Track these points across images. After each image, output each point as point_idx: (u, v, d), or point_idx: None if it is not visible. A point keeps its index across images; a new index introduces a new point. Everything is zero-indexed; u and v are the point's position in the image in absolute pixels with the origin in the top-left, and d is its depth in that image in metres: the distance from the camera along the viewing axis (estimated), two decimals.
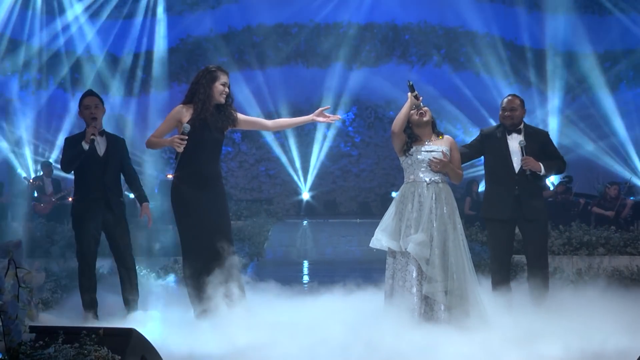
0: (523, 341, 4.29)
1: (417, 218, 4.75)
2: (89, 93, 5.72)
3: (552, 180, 12.97)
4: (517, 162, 5.52)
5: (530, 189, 5.52)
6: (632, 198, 12.40)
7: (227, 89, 5.04)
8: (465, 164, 5.50)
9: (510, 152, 5.55)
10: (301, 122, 5.42)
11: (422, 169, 4.85)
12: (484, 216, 5.78)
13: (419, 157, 4.86)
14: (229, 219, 5.11)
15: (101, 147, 5.58)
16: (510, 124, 5.59)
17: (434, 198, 4.78)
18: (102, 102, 5.68)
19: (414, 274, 4.68)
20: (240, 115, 5.18)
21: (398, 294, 4.69)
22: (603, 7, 16.00)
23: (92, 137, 5.43)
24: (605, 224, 9.20)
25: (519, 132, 5.61)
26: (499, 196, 5.56)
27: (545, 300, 5.25)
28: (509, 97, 5.69)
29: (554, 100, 15.84)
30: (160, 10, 16.07)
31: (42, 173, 12.92)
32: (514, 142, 5.58)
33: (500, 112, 5.67)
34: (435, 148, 4.88)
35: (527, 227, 5.54)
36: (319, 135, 17.14)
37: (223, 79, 5.02)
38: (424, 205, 4.77)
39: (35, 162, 15.84)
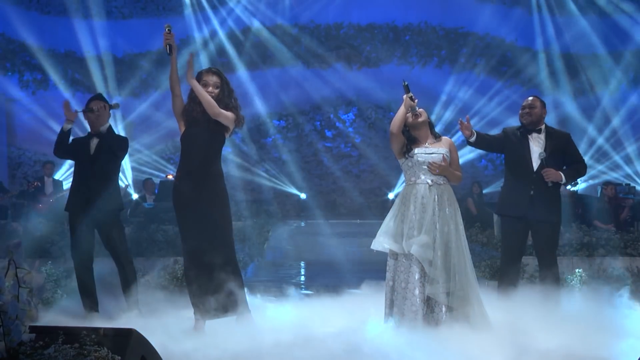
0: (524, 342, 4.28)
1: (419, 220, 4.72)
2: (98, 97, 5.85)
3: None
4: (535, 162, 5.54)
5: (546, 190, 5.53)
6: (631, 196, 12.38)
7: (210, 88, 5.04)
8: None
9: (529, 152, 5.58)
10: None
11: (424, 171, 4.82)
12: (499, 213, 5.82)
13: (419, 159, 4.83)
14: (229, 220, 5.08)
15: (93, 145, 5.67)
16: (528, 122, 5.61)
17: (436, 200, 4.75)
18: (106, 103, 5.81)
19: (417, 276, 4.65)
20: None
21: (400, 296, 4.67)
22: (603, 9, 16.01)
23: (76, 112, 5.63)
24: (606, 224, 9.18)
25: (539, 132, 5.63)
26: (515, 194, 5.59)
27: (556, 300, 5.26)
28: (530, 97, 5.77)
29: (554, 100, 15.85)
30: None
31: (42, 173, 12.92)
32: (534, 142, 5.59)
33: (520, 111, 5.71)
34: (435, 150, 4.85)
35: (539, 227, 5.55)
36: (319, 136, 17.14)
37: (204, 78, 5.06)
38: (426, 207, 4.74)
39: (36, 162, 15.87)
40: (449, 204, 4.77)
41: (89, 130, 5.77)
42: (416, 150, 4.84)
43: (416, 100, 4.89)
